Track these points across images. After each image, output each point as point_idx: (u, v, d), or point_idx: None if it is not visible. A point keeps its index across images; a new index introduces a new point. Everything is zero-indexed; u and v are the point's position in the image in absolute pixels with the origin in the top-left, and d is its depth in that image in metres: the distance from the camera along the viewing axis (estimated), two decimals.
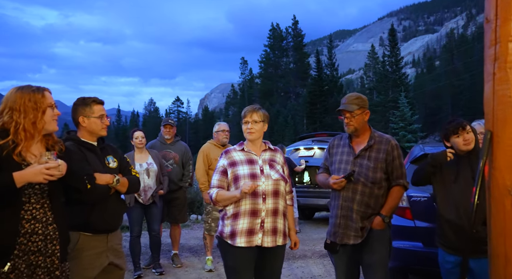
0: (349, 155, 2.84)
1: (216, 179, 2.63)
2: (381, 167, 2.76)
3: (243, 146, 2.69)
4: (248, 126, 2.61)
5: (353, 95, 2.87)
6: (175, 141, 5.35)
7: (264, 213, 2.51)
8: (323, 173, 3.02)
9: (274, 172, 2.61)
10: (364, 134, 2.86)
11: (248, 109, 2.66)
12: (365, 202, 2.74)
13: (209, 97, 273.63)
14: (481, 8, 26.36)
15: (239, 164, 2.59)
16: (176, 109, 73.10)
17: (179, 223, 5.42)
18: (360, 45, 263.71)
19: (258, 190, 2.50)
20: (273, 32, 53.67)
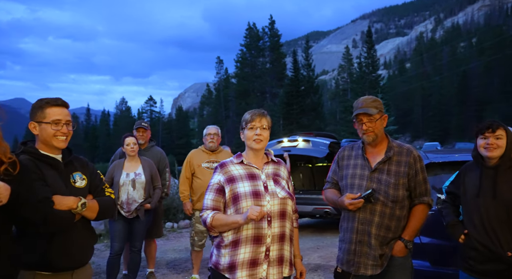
0: (364, 168, 2.42)
1: (210, 199, 2.16)
2: (403, 183, 2.35)
3: (242, 158, 2.22)
4: (257, 132, 2.14)
5: (369, 97, 2.47)
6: (150, 147, 4.82)
7: (270, 239, 2.08)
8: (332, 189, 2.58)
9: (280, 189, 2.18)
10: (381, 143, 2.45)
11: (255, 112, 2.20)
12: (385, 225, 2.34)
13: (183, 97, 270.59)
14: (449, 12, 27.23)
15: (238, 180, 2.14)
16: (149, 109, 71.60)
17: (155, 238, 4.89)
18: (334, 46, 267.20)
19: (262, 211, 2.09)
20: (249, 32, 53.20)
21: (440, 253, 3.38)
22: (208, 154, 4.57)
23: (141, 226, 4.28)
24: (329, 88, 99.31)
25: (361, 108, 2.41)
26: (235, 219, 2.03)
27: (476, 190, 2.34)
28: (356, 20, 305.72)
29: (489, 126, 2.33)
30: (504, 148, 2.33)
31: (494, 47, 56.59)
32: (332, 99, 67.63)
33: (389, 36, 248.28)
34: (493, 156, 2.32)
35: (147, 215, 4.31)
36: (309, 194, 7.77)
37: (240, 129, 2.25)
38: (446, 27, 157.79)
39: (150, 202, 4.30)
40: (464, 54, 70.90)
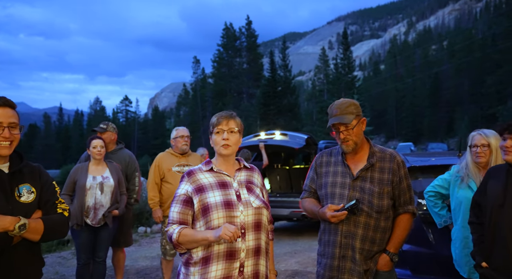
0: (345, 176, 2.24)
1: (176, 212, 1.93)
2: (388, 191, 2.19)
3: (212, 165, 2.02)
4: (224, 136, 1.95)
5: (345, 102, 2.25)
6: (117, 149, 4.53)
7: (244, 253, 1.89)
8: (310, 199, 2.38)
9: (254, 197, 1.98)
10: (362, 149, 2.28)
11: (222, 114, 2.01)
12: (370, 237, 2.17)
13: (159, 97, 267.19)
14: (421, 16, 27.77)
15: (208, 190, 1.93)
16: (124, 109, 70.21)
17: (123, 246, 4.61)
18: (310, 48, 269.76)
19: (235, 222, 1.89)
20: (226, 32, 52.83)
21: (421, 261, 3.28)
22: (178, 157, 4.34)
23: (107, 234, 4.03)
24: (306, 89, 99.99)
25: (335, 116, 2.21)
26: (205, 235, 1.82)
27: (500, 199, 2.11)
28: (332, 22, 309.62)
29: (507, 127, 2.17)
30: None
31: (464, 50, 58.18)
32: (308, 100, 68.02)
33: (364, 38, 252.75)
34: (510, 160, 2.17)
35: (113, 223, 4.05)
36: (286, 197, 7.61)
37: (208, 134, 2.06)
38: (418, 30, 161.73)
39: (118, 208, 4.05)
40: (436, 57, 72.69)
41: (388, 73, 76.79)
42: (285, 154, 9.18)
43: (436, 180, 3.02)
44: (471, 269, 2.71)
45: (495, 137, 2.77)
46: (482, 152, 2.75)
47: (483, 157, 2.75)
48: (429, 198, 3.03)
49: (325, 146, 7.66)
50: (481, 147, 2.76)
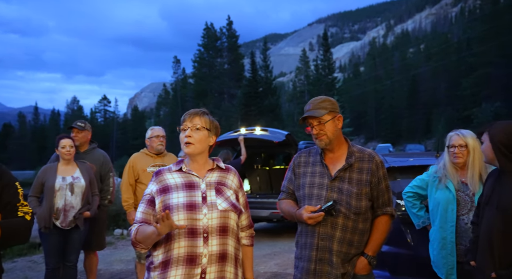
0: (323, 176, 2.17)
1: (140, 212, 1.87)
2: (366, 192, 2.13)
3: (182, 164, 1.93)
4: (186, 134, 1.87)
5: (318, 98, 2.23)
6: (90, 149, 4.38)
7: (206, 259, 1.78)
8: (287, 200, 2.30)
9: (222, 200, 1.87)
10: (340, 148, 2.22)
11: (189, 112, 1.93)
12: (347, 240, 2.10)
13: (139, 97, 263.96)
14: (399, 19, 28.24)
15: (173, 190, 1.85)
16: (102, 108, 69.01)
17: (96, 250, 4.45)
18: (291, 49, 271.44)
19: (197, 226, 1.78)
20: (207, 32, 52.49)
21: (399, 262, 3.25)
22: (153, 157, 4.22)
23: (78, 237, 3.89)
24: (287, 90, 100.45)
25: (307, 111, 2.18)
26: (152, 229, 1.70)
27: (487, 198, 2.11)
28: (313, 24, 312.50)
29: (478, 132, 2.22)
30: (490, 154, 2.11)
31: (440, 53, 59.55)
32: (289, 101, 68.35)
33: (344, 40, 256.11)
34: None
35: (84, 225, 3.91)
36: (266, 198, 7.55)
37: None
38: (396, 33, 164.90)
39: (90, 210, 3.91)
40: (413, 60, 74.15)
41: (367, 75, 77.91)
42: (265, 155, 9.12)
43: (414, 180, 3.00)
44: (449, 271, 2.71)
45: (473, 137, 2.77)
46: (460, 152, 2.75)
47: (461, 157, 2.75)
48: (408, 199, 3.01)
49: (305, 147, 7.64)
50: (458, 147, 2.75)
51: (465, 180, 2.75)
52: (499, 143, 2.01)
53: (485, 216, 2.07)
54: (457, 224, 2.69)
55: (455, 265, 2.68)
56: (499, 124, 2.09)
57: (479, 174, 2.71)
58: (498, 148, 2.01)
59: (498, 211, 1.98)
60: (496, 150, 2.02)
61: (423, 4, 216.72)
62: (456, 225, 2.69)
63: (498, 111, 35.50)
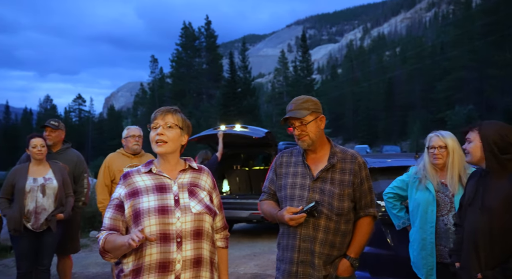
0: (305, 177, 2.15)
1: (108, 217, 1.77)
2: (348, 193, 2.11)
3: (152, 166, 1.84)
4: (158, 132, 1.77)
5: (301, 98, 2.19)
6: (64, 149, 4.24)
7: (180, 265, 1.70)
8: (269, 201, 2.26)
9: (196, 202, 1.79)
10: (322, 148, 2.19)
11: (160, 109, 1.83)
12: (329, 241, 2.08)
13: (115, 96, 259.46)
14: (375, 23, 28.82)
15: (143, 194, 1.74)
16: (77, 108, 67.39)
17: (70, 253, 4.31)
18: (270, 50, 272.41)
19: (170, 230, 1.70)
20: (185, 31, 51.98)
21: (380, 263, 3.27)
22: (129, 157, 4.12)
23: (51, 240, 3.75)
24: (265, 91, 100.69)
25: (289, 111, 2.15)
26: (123, 241, 1.60)
27: (470, 199, 2.10)
28: (291, 25, 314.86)
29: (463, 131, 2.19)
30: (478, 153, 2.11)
31: (415, 57, 61.01)
32: (268, 102, 68.51)
33: (321, 42, 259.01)
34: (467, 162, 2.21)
35: (58, 227, 3.78)
36: (246, 199, 7.50)
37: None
38: (373, 36, 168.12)
39: (63, 211, 3.78)
40: (389, 62, 75.75)
41: (345, 77, 79.00)
42: (245, 155, 9.08)
43: (394, 181, 3.02)
44: (429, 271, 2.72)
45: (452, 139, 2.80)
46: (440, 153, 2.77)
47: (441, 158, 2.77)
48: (388, 199, 3.02)
49: (285, 147, 7.64)
50: (438, 148, 2.77)
51: (444, 181, 2.78)
52: (492, 143, 2.00)
53: (469, 217, 2.07)
54: (437, 225, 2.71)
55: (434, 265, 2.70)
56: (491, 124, 2.08)
57: (459, 175, 2.73)
58: (490, 148, 2.00)
59: (483, 211, 1.98)
60: (487, 150, 2.01)
61: (398, 8, 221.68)
62: (435, 226, 2.71)
63: (471, 114, 36.59)
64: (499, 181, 2.00)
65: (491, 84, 38.26)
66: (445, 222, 2.70)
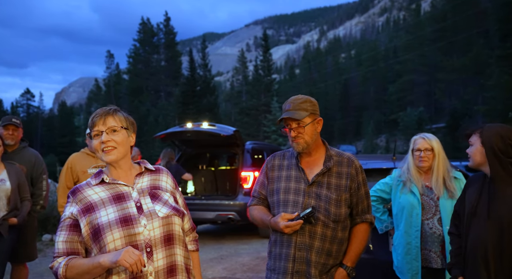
0: (299, 181, 2.03)
1: (61, 242, 1.57)
2: (345, 198, 2.01)
3: (103, 175, 1.65)
4: (103, 139, 1.58)
5: (299, 98, 2.06)
6: (21, 148, 3.88)
7: (153, 277, 1.55)
8: (259, 206, 2.14)
9: (161, 205, 1.64)
10: (317, 151, 2.09)
11: (97, 113, 1.62)
12: (326, 250, 1.97)
13: (67, 91, 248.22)
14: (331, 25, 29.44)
15: (99, 207, 1.57)
16: (25, 103, 63.51)
17: (25, 261, 3.96)
18: (228, 49, 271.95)
19: (138, 241, 1.54)
20: (143, 27, 50.47)
21: (361, 267, 3.23)
22: (95, 157, 3.81)
23: (2, 247, 3.42)
24: (224, 90, 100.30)
25: (287, 111, 2.02)
26: (97, 261, 1.45)
27: (473, 208, 1.98)
28: (250, 25, 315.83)
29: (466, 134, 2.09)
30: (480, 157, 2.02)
31: (369, 60, 63.23)
32: (227, 101, 68.22)
33: (279, 43, 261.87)
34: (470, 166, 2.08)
35: (11, 233, 3.45)
36: (212, 200, 7.32)
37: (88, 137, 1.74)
38: (329, 38, 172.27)
39: (17, 216, 3.45)
40: (345, 64, 77.97)
41: (302, 78, 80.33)
42: (210, 155, 8.88)
43: (377, 184, 2.96)
44: (414, 276, 2.68)
45: (437, 141, 2.79)
46: (426, 156, 2.73)
47: (427, 161, 2.73)
48: (371, 202, 2.98)
49: (252, 147, 7.53)
50: (424, 151, 2.74)
51: (429, 184, 2.75)
52: (495, 146, 1.93)
53: (474, 228, 1.98)
54: (422, 228, 2.68)
55: (419, 270, 2.66)
56: (492, 127, 2.01)
57: (443, 178, 2.72)
58: (493, 152, 1.93)
59: (491, 221, 1.90)
60: (490, 154, 1.94)
61: (353, 12, 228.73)
62: (421, 229, 2.67)
63: (422, 115, 38.34)
64: (507, 188, 1.92)
65: (440, 88, 40.36)
66: (430, 226, 2.67)
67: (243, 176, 7.02)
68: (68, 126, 58.59)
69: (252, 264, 5.74)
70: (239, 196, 7.01)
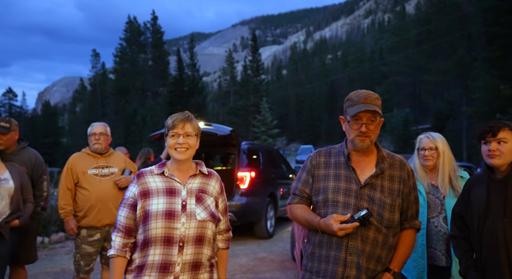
0: (350, 181, 1.92)
1: (123, 216, 1.89)
2: (399, 204, 1.92)
3: (164, 168, 1.92)
4: (179, 141, 1.85)
5: (372, 93, 1.95)
6: (19, 149, 3.77)
7: (179, 267, 1.81)
8: (303, 206, 2.03)
9: (202, 209, 1.87)
10: (372, 152, 1.99)
11: (178, 117, 1.89)
12: (376, 255, 1.88)
13: (50, 91, 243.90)
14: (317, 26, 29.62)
15: (153, 195, 1.85)
16: (7, 102, 62.16)
17: (25, 264, 3.88)
18: (215, 49, 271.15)
19: (174, 234, 1.80)
20: (130, 26, 49.95)
21: None
22: (95, 158, 3.76)
23: (4, 249, 3.34)
24: (211, 90, 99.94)
25: (365, 103, 1.88)
26: None
27: (484, 209, 1.95)
28: (236, 25, 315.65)
29: (489, 129, 1.97)
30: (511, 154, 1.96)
31: (356, 61, 63.91)
32: (214, 101, 68.12)
33: (266, 44, 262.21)
34: (496, 164, 1.98)
35: (12, 235, 3.36)
36: None
37: (164, 136, 1.97)
38: (315, 40, 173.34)
39: (20, 217, 3.37)
40: (332, 66, 78.56)
41: (289, 79, 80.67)
42: (205, 155, 8.83)
43: None
44: (419, 274, 2.71)
45: (442, 140, 2.83)
46: (430, 155, 2.77)
47: (431, 160, 2.77)
48: None
49: (248, 148, 7.53)
50: (429, 150, 2.77)
51: (435, 183, 2.78)
52: None
53: (489, 228, 1.95)
54: (428, 227, 2.70)
55: (425, 268, 2.69)
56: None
57: (449, 177, 2.75)
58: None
59: (510, 221, 1.88)
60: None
61: (338, 14, 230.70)
62: (426, 228, 2.70)
63: (407, 117, 38.85)
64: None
65: (425, 89, 40.98)
66: (436, 224, 2.71)
67: (240, 176, 7.01)
68: (51, 126, 57.57)
69: (251, 265, 5.74)
70: (236, 196, 7.00)
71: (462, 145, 29.08)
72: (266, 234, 7.52)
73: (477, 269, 2.04)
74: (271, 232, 7.71)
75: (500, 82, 19.73)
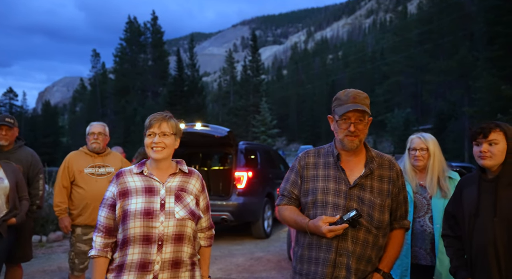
0: (339, 182, 1.90)
1: (103, 216, 1.91)
2: (389, 204, 1.92)
3: (144, 167, 1.94)
4: (155, 140, 1.87)
5: (361, 92, 1.94)
6: (17, 147, 3.80)
7: (159, 266, 1.81)
8: (291, 207, 2.01)
9: (181, 207, 1.88)
10: (361, 152, 1.97)
11: (155, 117, 1.92)
12: (366, 256, 1.87)
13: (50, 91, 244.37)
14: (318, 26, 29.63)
15: (132, 195, 1.86)
16: (8, 102, 62.29)
17: (20, 262, 3.89)
18: (215, 49, 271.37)
19: (153, 233, 1.81)
20: (130, 26, 49.98)
21: None
22: (92, 157, 3.78)
23: (3, 247, 3.35)
24: (211, 90, 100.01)
25: (353, 103, 1.87)
26: None
27: (474, 209, 1.95)
28: (237, 25, 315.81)
29: (480, 131, 1.96)
30: (503, 155, 1.95)
31: (357, 61, 63.86)
32: (214, 101, 68.18)
33: (267, 44, 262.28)
34: (487, 165, 1.98)
35: (9, 233, 3.37)
36: None
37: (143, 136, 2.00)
38: (316, 40, 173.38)
39: (16, 215, 3.38)
40: (333, 66, 78.57)
41: (290, 79, 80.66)
42: (203, 155, 8.83)
43: None
44: (403, 272, 2.71)
45: (434, 141, 2.83)
46: (421, 155, 2.77)
47: (421, 160, 2.77)
48: None
49: (245, 148, 7.52)
50: (419, 150, 2.78)
51: (423, 183, 2.78)
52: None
53: (479, 229, 1.96)
54: (413, 226, 2.71)
55: (409, 266, 2.70)
56: (510, 126, 1.97)
57: (438, 178, 2.76)
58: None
59: (500, 221, 1.88)
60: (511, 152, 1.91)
61: (340, 14, 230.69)
62: (412, 227, 2.69)
63: (408, 117, 38.82)
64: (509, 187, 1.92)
65: (427, 89, 40.91)
66: (421, 224, 2.71)
67: (237, 176, 7.01)
68: (52, 126, 57.67)
69: (247, 265, 5.74)
70: (233, 196, 7.00)
71: (463, 146, 29.00)
72: (263, 234, 7.51)
73: (467, 268, 2.04)
74: (268, 232, 7.71)
75: (502, 82, 19.69)
